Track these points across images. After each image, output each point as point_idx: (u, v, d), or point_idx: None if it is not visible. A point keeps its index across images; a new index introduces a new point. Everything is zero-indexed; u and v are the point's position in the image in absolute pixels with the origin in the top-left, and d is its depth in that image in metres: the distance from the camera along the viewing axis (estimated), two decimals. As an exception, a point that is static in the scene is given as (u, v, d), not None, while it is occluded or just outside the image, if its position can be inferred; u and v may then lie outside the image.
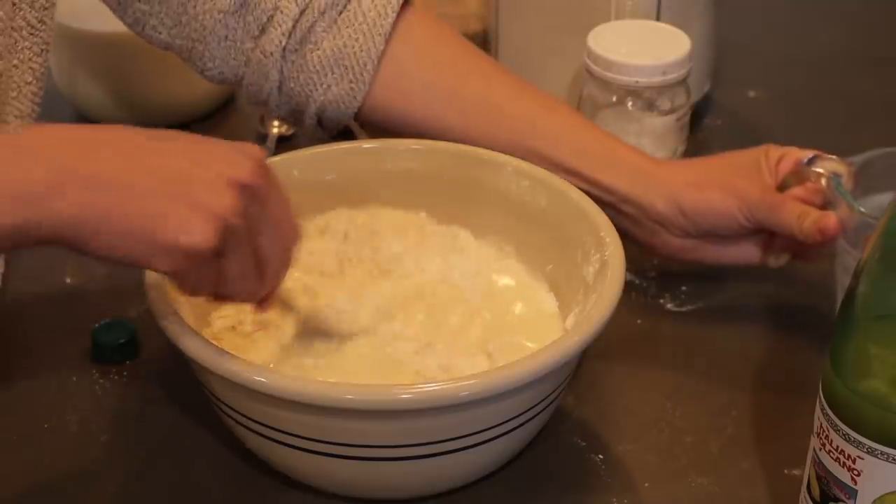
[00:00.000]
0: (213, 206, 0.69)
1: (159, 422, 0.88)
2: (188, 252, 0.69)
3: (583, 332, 0.78)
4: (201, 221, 0.68)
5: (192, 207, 0.68)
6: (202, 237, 0.68)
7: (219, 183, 0.69)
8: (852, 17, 1.40)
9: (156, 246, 0.68)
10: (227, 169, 0.70)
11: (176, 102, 1.16)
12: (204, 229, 0.68)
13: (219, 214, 0.69)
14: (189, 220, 0.68)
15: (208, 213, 0.69)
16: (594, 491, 0.84)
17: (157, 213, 0.68)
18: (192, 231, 0.68)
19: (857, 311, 0.69)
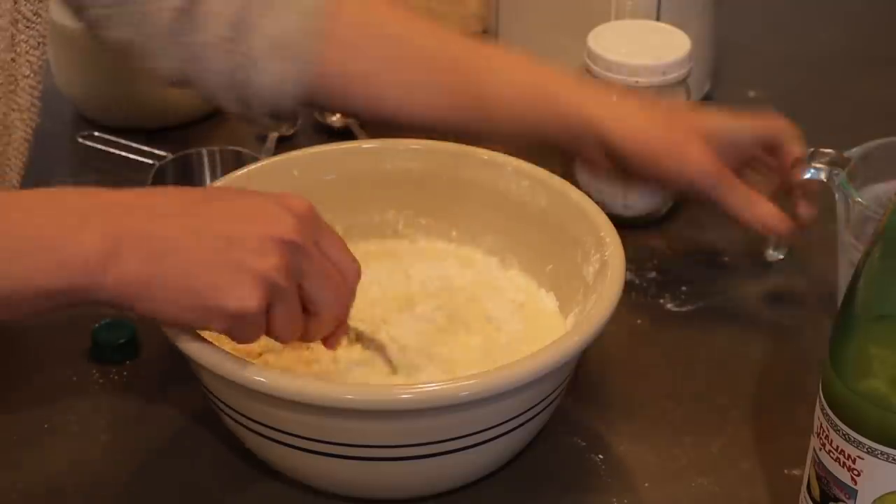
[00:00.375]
0: (260, 269, 0.71)
1: (159, 422, 0.88)
2: (238, 315, 0.72)
3: (583, 332, 0.78)
4: (249, 286, 0.71)
5: (240, 271, 0.71)
6: (250, 301, 0.71)
7: (264, 244, 0.72)
8: (852, 17, 1.40)
9: (207, 311, 0.72)
10: (271, 228, 0.72)
11: (176, 102, 1.16)
12: (251, 293, 0.71)
13: (265, 276, 0.71)
14: (237, 286, 0.71)
15: (255, 275, 0.71)
16: (594, 491, 0.84)
17: (206, 279, 0.71)
18: (241, 296, 0.71)
19: (858, 311, 0.69)
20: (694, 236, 1.06)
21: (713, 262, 1.03)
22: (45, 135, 1.17)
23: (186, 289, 0.71)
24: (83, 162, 1.14)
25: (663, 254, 1.04)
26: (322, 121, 1.18)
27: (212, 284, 0.71)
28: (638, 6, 1.09)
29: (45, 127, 1.18)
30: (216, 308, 0.71)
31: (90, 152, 1.14)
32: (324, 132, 1.17)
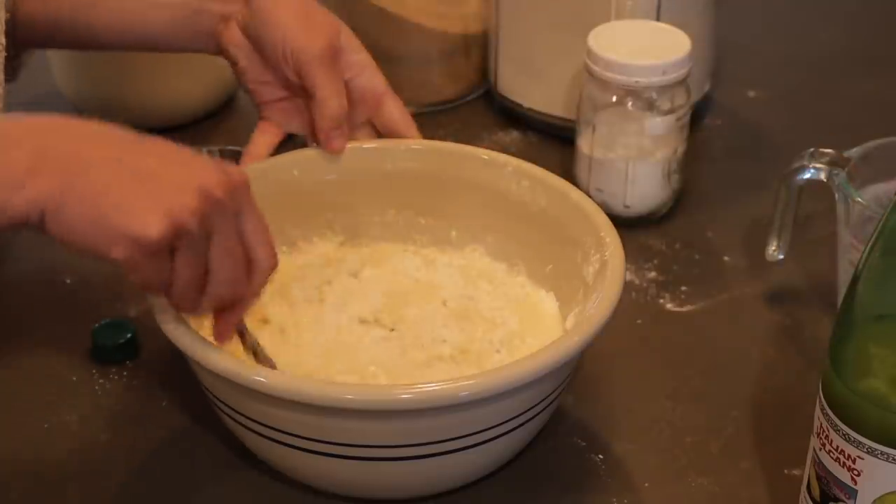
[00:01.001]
0: (172, 204, 0.70)
1: (159, 422, 0.88)
2: (138, 241, 0.69)
3: (583, 332, 0.78)
4: (157, 214, 0.69)
5: (152, 200, 0.69)
6: (153, 227, 0.69)
7: (186, 186, 0.71)
8: (852, 17, 1.40)
9: (109, 232, 0.69)
10: (198, 177, 0.71)
11: (176, 102, 1.16)
12: (157, 221, 0.69)
13: (175, 212, 0.70)
14: (144, 211, 0.69)
15: (166, 208, 0.69)
16: (594, 491, 0.84)
17: (116, 201, 0.69)
18: (145, 221, 0.69)
19: (857, 311, 0.69)
20: (694, 236, 1.06)
21: (713, 262, 1.03)
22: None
23: (95, 206, 0.69)
24: (83, 162, 1.14)
25: (663, 254, 1.04)
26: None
27: (120, 206, 0.69)
28: (638, 6, 1.09)
29: (45, 127, 1.18)
30: (118, 228, 0.69)
31: (90, 152, 1.14)
32: (324, 132, 1.17)
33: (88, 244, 0.70)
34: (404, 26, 1.17)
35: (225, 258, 0.73)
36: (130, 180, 0.70)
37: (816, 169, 0.93)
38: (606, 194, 1.05)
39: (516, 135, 1.18)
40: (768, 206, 0.98)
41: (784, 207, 0.96)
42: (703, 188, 1.11)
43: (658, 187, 1.06)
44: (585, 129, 1.06)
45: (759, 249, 0.99)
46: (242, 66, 0.93)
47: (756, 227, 1.05)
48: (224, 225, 0.73)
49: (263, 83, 0.94)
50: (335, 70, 0.91)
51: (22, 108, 1.15)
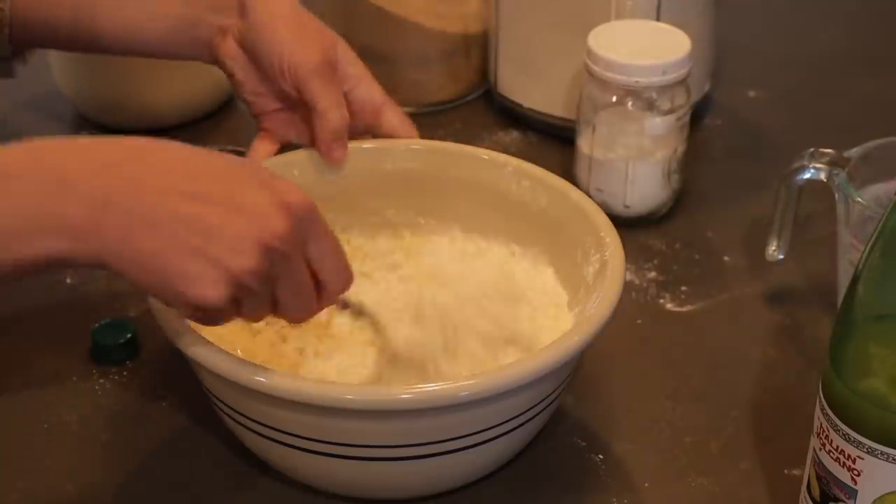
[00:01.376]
0: (232, 268, 0.70)
1: (159, 422, 0.88)
2: (199, 306, 0.71)
3: (583, 332, 0.78)
4: (215, 281, 0.70)
5: (211, 266, 0.70)
6: (212, 297, 0.70)
7: (244, 243, 0.70)
8: (852, 17, 1.40)
9: (171, 295, 0.71)
10: (257, 228, 0.70)
11: (176, 102, 1.16)
12: (216, 290, 0.70)
13: (235, 277, 0.70)
14: (203, 280, 0.70)
15: (225, 273, 0.70)
16: (594, 491, 0.84)
17: (177, 266, 0.70)
18: (204, 290, 0.70)
19: (857, 311, 0.69)
20: (694, 236, 1.06)
21: (713, 262, 1.03)
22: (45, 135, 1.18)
23: (156, 269, 0.70)
24: (83, 162, 1.14)
25: (663, 254, 1.04)
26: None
27: (180, 272, 0.70)
28: (638, 6, 1.09)
29: (45, 127, 1.18)
30: (179, 295, 0.70)
31: (90, 152, 1.13)
32: (324, 132, 1.17)
33: (151, 293, 0.74)
34: (404, 26, 1.17)
35: (291, 296, 0.74)
36: (191, 241, 0.70)
37: (816, 169, 0.93)
38: (606, 194, 1.05)
39: (516, 135, 1.18)
40: (768, 206, 0.98)
41: (784, 207, 0.96)
42: (703, 188, 1.11)
43: (658, 187, 1.06)
44: (585, 129, 1.06)
45: (759, 249, 0.99)
46: (239, 79, 0.94)
47: (756, 227, 1.05)
48: (288, 268, 0.73)
49: (260, 94, 0.94)
50: (333, 82, 0.92)
51: (22, 107, 1.16)
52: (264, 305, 0.74)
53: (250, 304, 0.73)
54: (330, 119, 0.91)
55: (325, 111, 0.91)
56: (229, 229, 0.70)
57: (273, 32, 0.91)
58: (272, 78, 0.92)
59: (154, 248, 0.70)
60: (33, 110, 1.18)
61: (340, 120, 0.91)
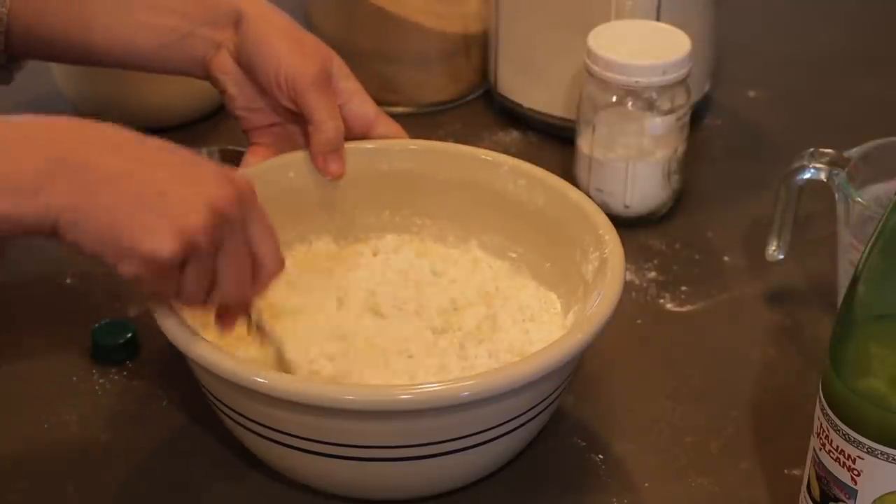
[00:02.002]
0: (182, 221, 0.72)
1: (159, 422, 0.88)
2: (149, 259, 0.72)
3: (583, 331, 0.78)
4: (168, 234, 0.71)
5: (164, 219, 0.71)
6: (165, 248, 0.71)
7: (195, 201, 0.72)
8: (852, 17, 1.40)
9: (122, 250, 0.72)
10: (207, 190, 0.73)
11: (175, 102, 1.16)
12: (169, 241, 0.71)
13: (185, 230, 0.72)
14: (157, 232, 0.71)
15: (176, 226, 0.71)
16: (594, 491, 0.84)
17: (128, 218, 0.71)
18: (157, 242, 0.71)
19: (857, 311, 0.69)
20: (694, 236, 1.06)
21: (713, 262, 1.03)
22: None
23: (109, 224, 0.71)
24: (83, 162, 1.14)
25: (663, 254, 1.04)
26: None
27: (133, 225, 0.71)
28: (638, 6, 1.09)
29: (45, 127, 1.18)
30: (131, 248, 0.71)
31: (90, 152, 1.13)
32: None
33: (99, 256, 0.73)
34: (404, 26, 1.17)
35: (232, 267, 0.75)
36: (142, 197, 0.72)
37: (816, 169, 0.93)
38: (606, 194, 1.05)
39: (516, 135, 1.18)
40: (768, 206, 0.98)
41: (784, 207, 0.96)
42: (703, 188, 1.11)
43: (658, 187, 1.06)
44: (585, 129, 1.06)
45: (759, 249, 0.99)
46: (231, 93, 0.94)
47: (756, 227, 1.05)
48: (232, 237, 0.74)
49: (253, 110, 0.95)
50: (329, 94, 0.92)
51: (22, 107, 1.16)
52: (206, 272, 0.74)
53: (195, 268, 0.73)
54: (325, 130, 0.91)
55: (321, 122, 0.91)
56: (182, 189, 0.72)
57: (270, 45, 0.91)
58: (268, 90, 0.92)
59: (108, 203, 0.71)
60: (33, 110, 1.17)
61: (336, 131, 0.91)
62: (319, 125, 0.91)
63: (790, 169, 0.94)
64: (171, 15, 0.93)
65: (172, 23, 0.93)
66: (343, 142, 0.92)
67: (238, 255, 0.75)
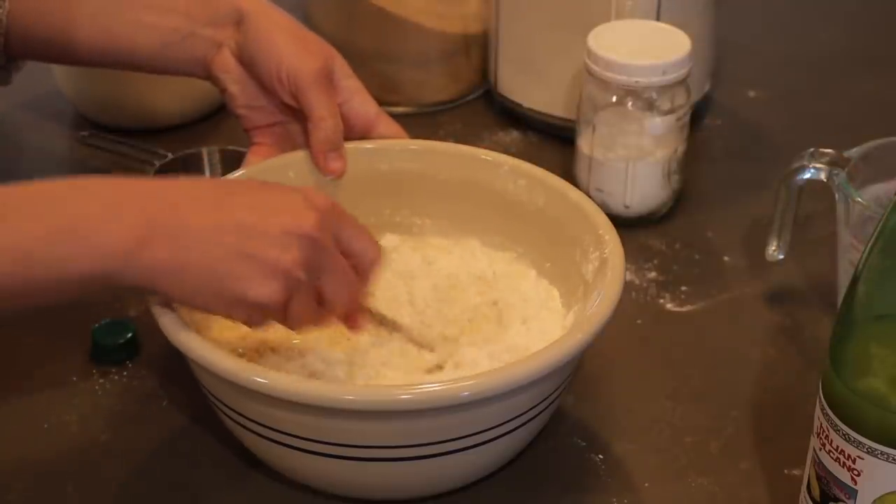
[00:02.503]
0: (281, 262, 0.74)
1: (159, 422, 0.88)
2: (257, 306, 0.75)
3: (583, 331, 0.78)
4: (269, 278, 0.74)
5: (261, 264, 0.74)
6: (270, 293, 0.74)
7: (286, 238, 0.75)
8: (852, 17, 1.40)
9: (229, 300, 0.75)
10: (293, 222, 0.75)
11: (176, 102, 1.16)
12: (271, 285, 0.74)
13: (285, 269, 0.74)
14: (258, 278, 0.74)
15: (276, 268, 0.74)
16: (594, 491, 0.84)
17: (229, 270, 0.74)
18: (261, 287, 0.74)
19: (857, 311, 0.69)
20: (694, 236, 1.06)
21: (713, 262, 1.03)
22: (46, 135, 1.18)
23: (211, 278, 0.74)
24: (83, 162, 1.14)
25: (663, 254, 1.04)
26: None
27: (234, 275, 0.74)
28: (638, 6, 1.09)
29: (45, 127, 1.18)
30: (238, 298, 0.74)
31: (90, 152, 1.14)
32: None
33: (209, 310, 0.77)
34: (404, 26, 1.17)
35: (336, 283, 0.78)
36: (237, 245, 0.74)
37: (816, 169, 0.93)
38: (606, 194, 1.05)
39: (516, 135, 1.18)
40: (768, 206, 0.98)
41: (784, 207, 0.96)
42: (703, 188, 1.11)
43: (658, 187, 1.06)
44: (585, 129, 1.06)
45: (759, 249, 0.99)
46: (232, 92, 0.94)
47: (756, 227, 1.05)
48: (328, 256, 0.77)
49: (254, 108, 0.95)
50: (330, 92, 0.92)
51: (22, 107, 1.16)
52: (311, 300, 0.77)
53: (299, 300, 0.76)
54: (324, 128, 0.91)
55: (321, 120, 0.91)
56: (270, 228, 0.75)
57: (272, 41, 0.91)
58: (269, 87, 0.92)
59: (204, 260, 0.74)
60: (33, 110, 1.18)
61: (335, 129, 0.92)
62: (319, 122, 0.91)
63: (790, 169, 0.94)
64: (172, 15, 0.93)
65: (174, 23, 0.93)
66: (342, 140, 0.92)
67: (338, 270, 0.77)
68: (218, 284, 0.74)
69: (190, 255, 0.74)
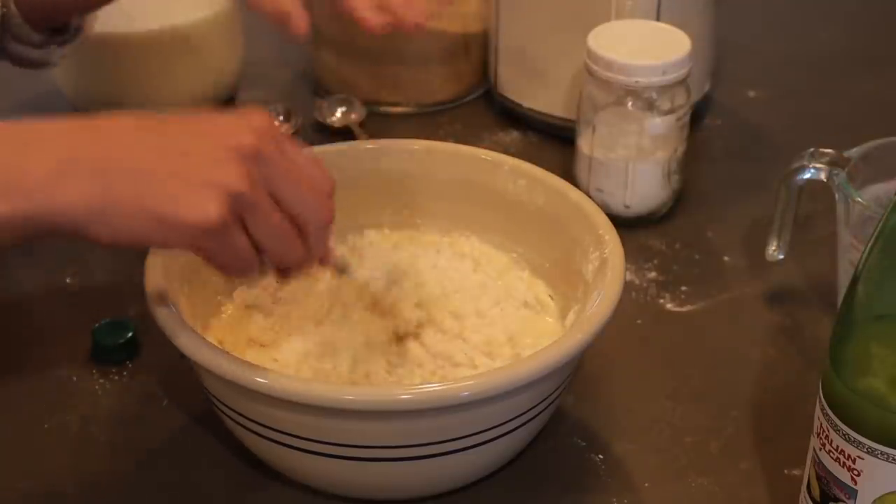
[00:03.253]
0: (217, 178, 0.68)
1: (159, 422, 0.88)
2: (199, 228, 0.68)
3: (583, 331, 0.78)
4: (208, 196, 0.68)
5: (196, 182, 0.68)
6: (209, 210, 0.68)
7: (221, 154, 0.69)
8: (852, 17, 1.40)
9: (165, 226, 0.68)
10: (228, 139, 0.70)
11: (176, 102, 1.16)
12: (209, 202, 0.68)
13: (224, 186, 0.68)
14: (193, 196, 0.68)
15: (214, 186, 0.68)
16: (594, 491, 0.84)
17: (160, 193, 0.68)
18: (198, 206, 0.68)
19: (857, 311, 0.69)
20: (694, 236, 1.06)
21: (713, 262, 1.03)
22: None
23: (140, 206, 0.68)
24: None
25: (663, 254, 1.04)
26: (322, 121, 1.18)
27: (166, 197, 0.68)
28: (638, 6, 1.09)
29: (45, 127, 1.18)
30: (174, 221, 0.68)
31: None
32: (323, 132, 1.17)
33: (144, 241, 0.70)
34: (404, 26, 1.17)
35: (297, 190, 0.72)
36: (168, 167, 0.68)
37: (816, 169, 0.93)
38: (606, 194, 1.05)
39: (516, 135, 1.18)
40: (768, 206, 0.98)
41: (784, 207, 0.96)
42: (703, 188, 1.11)
43: (658, 187, 1.06)
44: (585, 129, 1.06)
45: (759, 249, 0.99)
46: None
47: (756, 227, 1.05)
48: (276, 168, 0.71)
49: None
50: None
51: (22, 107, 1.16)
52: (273, 217, 0.71)
53: (256, 218, 0.70)
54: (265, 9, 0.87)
55: None
56: (202, 147, 0.69)
57: None
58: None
59: (129, 185, 0.68)
60: (33, 110, 1.18)
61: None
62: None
63: (790, 169, 0.94)
64: None
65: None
66: None
67: (295, 176, 0.71)
68: (148, 212, 0.67)
69: (113, 185, 0.67)
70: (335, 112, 1.18)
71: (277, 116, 1.18)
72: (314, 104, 1.19)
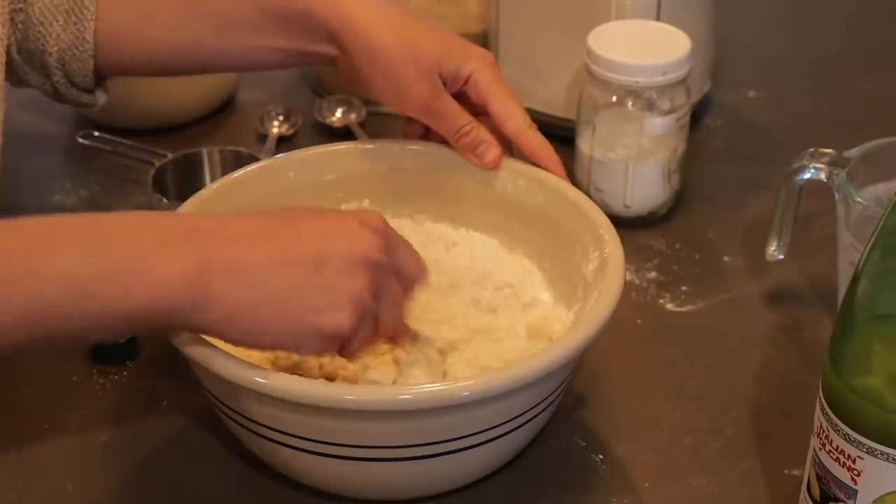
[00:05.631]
0: (351, 290, 0.73)
1: (159, 422, 0.88)
2: (333, 336, 0.73)
3: (583, 331, 0.78)
4: (342, 307, 0.72)
5: (332, 293, 0.72)
6: (345, 322, 0.73)
7: (351, 264, 0.73)
8: (852, 17, 1.41)
9: (301, 335, 0.73)
10: (355, 247, 0.73)
11: (176, 102, 1.16)
12: (345, 314, 0.73)
13: (356, 297, 0.73)
14: (331, 308, 0.72)
15: (347, 296, 0.73)
16: (594, 491, 0.84)
17: (300, 303, 0.72)
18: (336, 318, 0.72)
19: (857, 311, 0.69)
20: (694, 236, 1.06)
21: (713, 262, 1.03)
22: (45, 135, 1.18)
23: (279, 314, 0.72)
24: (83, 162, 1.14)
25: (663, 254, 1.04)
26: (322, 121, 1.18)
27: (306, 308, 0.72)
28: (638, 6, 1.09)
29: (45, 127, 1.18)
30: (312, 331, 0.72)
31: (90, 152, 1.14)
32: (323, 132, 1.17)
33: (277, 346, 0.75)
34: (404, 26, 1.17)
35: (390, 309, 0.76)
36: (303, 277, 0.72)
37: (816, 169, 0.93)
38: (606, 194, 1.05)
39: (516, 135, 1.18)
40: (768, 206, 0.98)
41: (784, 207, 0.96)
42: (703, 188, 1.11)
43: (658, 187, 1.06)
44: (585, 129, 1.06)
45: (759, 249, 0.99)
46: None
47: (756, 227, 1.05)
48: (388, 284, 0.75)
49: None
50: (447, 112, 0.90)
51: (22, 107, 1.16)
52: (373, 326, 0.75)
53: (365, 326, 0.74)
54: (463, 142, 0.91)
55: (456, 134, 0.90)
56: (332, 255, 0.73)
57: (373, 76, 0.89)
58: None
59: (268, 294, 0.71)
60: (33, 110, 1.18)
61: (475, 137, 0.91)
62: (454, 137, 0.91)
63: (790, 169, 0.94)
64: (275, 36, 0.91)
65: (280, 44, 0.91)
66: (489, 134, 0.91)
67: (395, 294, 0.76)
68: (287, 320, 0.72)
69: (252, 294, 0.71)
70: (335, 112, 1.18)
71: (277, 116, 1.18)
72: (314, 104, 1.19)
